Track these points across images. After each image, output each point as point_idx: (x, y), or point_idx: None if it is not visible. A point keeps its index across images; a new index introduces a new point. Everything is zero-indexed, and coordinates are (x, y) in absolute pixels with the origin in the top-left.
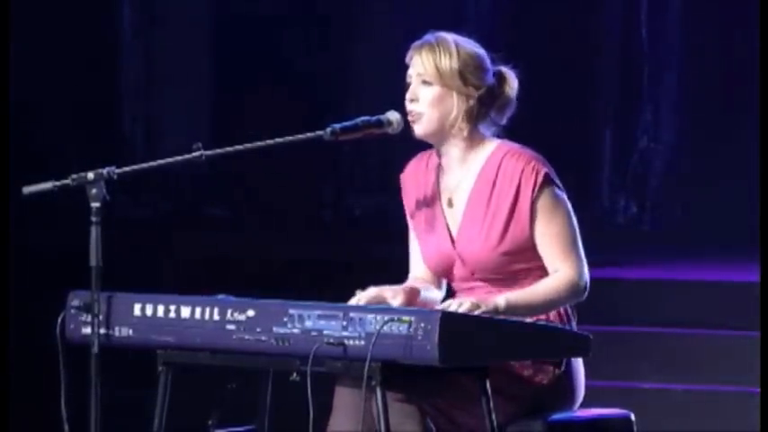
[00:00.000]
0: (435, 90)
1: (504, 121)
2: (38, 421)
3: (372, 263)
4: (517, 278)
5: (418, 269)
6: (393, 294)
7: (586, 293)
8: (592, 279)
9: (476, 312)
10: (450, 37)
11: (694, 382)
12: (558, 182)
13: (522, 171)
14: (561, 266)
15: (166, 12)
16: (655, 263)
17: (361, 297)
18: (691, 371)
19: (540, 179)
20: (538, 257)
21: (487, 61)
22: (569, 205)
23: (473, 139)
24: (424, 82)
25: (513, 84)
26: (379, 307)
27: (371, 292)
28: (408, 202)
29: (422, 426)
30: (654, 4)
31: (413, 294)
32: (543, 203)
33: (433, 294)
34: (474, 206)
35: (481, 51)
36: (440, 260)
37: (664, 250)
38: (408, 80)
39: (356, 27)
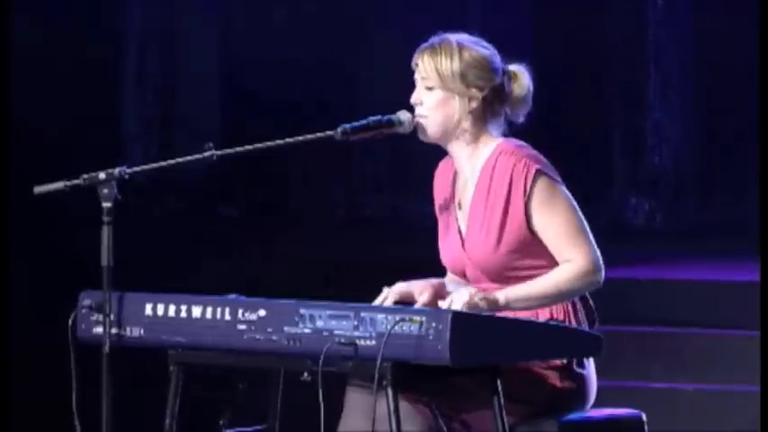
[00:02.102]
0: (437, 94)
1: (521, 119)
2: (48, 421)
3: (383, 262)
4: (524, 277)
5: None
6: (420, 290)
7: (602, 277)
8: (604, 278)
9: (474, 301)
10: (454, 38)
11: (706, 383)
12: (553, 175)
13: (513, 169)
14: (570, 256)
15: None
16: (667, 262)
17: (388, 293)
18: (702, 371)
19: (530, 175)
20: (543, 254)
21: (495, 61)
22: (569, 195)
23: (478, 140)
24: (427, 87)
25: (524, 82)
26: (391, 307)
27: (399, 287)
28: (436, 202)
29: (432, 426)
30: (663, 2)
31: (442, 291)
32: (538, 199)
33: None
34: (476, 207)
35: (487, 52)
36: (454, 262)
37: (677, 249)
38: (415, 83)
39: (367, 27)
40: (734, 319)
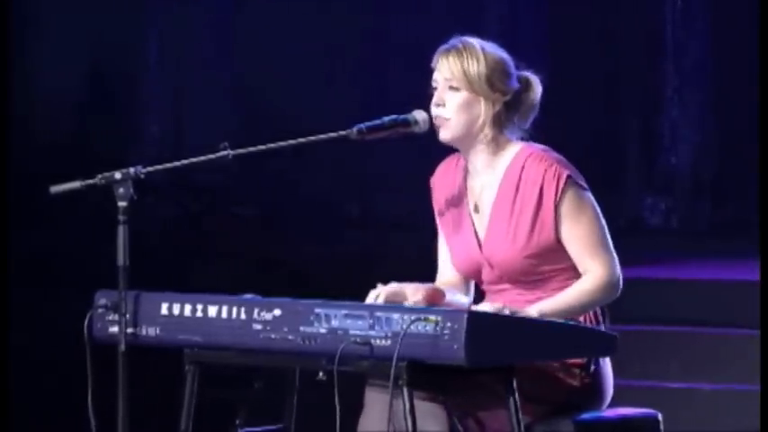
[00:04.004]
0: (462, 95)
1: (527, 125)
2: (65, 421)
3: (396, 262)
4: (546, 280)
5: (446, 273)
6: (413, 291)
7: (620, 290)
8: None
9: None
10: (476, 42)
11: (722, 382)
12: (581, 182)
13: (544, 174)
14: (591, 266)
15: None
16: (684, 262)
17: (380, 291)
18: (719, 371)
19: (561, 182)
20: (566, 258)
21: (512, 66)
22: (595, 204)
23: (498, 144)
24: (452, 87)
25: (537, 89)
26: (406, 306)
27: (392, 287)
28: (438, 204)
29: (448, 426)
30: (682, 2)
31: (435, 294)
32: (567, 206)
33: (459, 299)
34: (499, 211)
35: (506, 56)
36: (468, 264)
37: (693, 249)
38: (434, 84)
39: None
40: (750, 319)
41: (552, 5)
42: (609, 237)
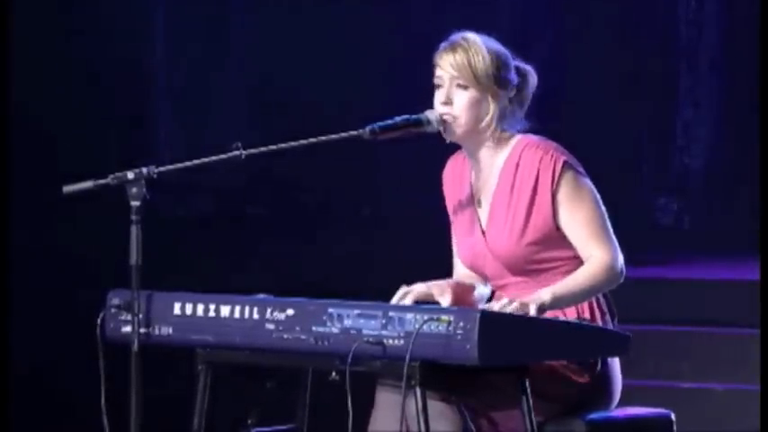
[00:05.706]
0: (471, 93)
1: (523, 115)
2: (77, 421)
3: (406, 262)
4: (547, 270)
5: (460, 267)
6: (440, 291)
7: (623, 277)
8: (632, 278)
9: (521, 313)
10: (477, 37)
11: (734, 382)
12: (579, 168)
13: (541, 161)
14: (594, 251)
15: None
16: (695, 262)
17: (407, 292)
18: (731, 370)
19: (558, 167)
20: (567, 247)
21: (511, 59)
22: (594, 190)
23: (501, 138)
24: (459, 85)
25: (534, 80)
26: (419, 306)
27: (419, 288)
28: (448, 200)
29: (461, 426)
30: (694, 2)
31: (463, 291)
32: (565, 191)
33: (482, 290)
34: (498, 201)
35: (504, 50)
36: (474, 258)
37: (705, 249)
38: (438, 82)
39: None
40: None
41: (566, 4)
42: (609, 223)
